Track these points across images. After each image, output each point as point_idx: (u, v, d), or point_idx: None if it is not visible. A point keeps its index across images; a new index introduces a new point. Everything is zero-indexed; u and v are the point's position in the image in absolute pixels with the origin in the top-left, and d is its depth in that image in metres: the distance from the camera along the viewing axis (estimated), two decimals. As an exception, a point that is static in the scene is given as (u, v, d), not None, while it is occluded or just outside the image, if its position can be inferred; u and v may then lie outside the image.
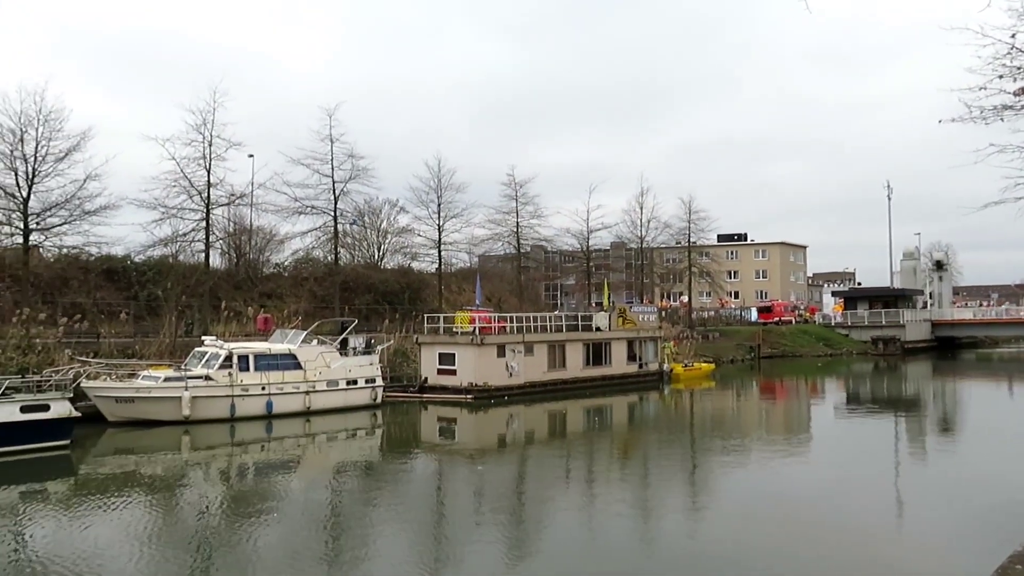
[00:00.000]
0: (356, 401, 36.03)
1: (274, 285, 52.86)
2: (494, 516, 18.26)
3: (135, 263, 46.15)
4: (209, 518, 18.81)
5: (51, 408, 24.87)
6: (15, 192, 35.99)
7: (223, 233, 48.60)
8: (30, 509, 19.45)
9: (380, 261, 64.51)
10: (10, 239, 37.82)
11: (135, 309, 42.65)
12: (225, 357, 32.14)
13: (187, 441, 28.52)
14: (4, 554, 15.56)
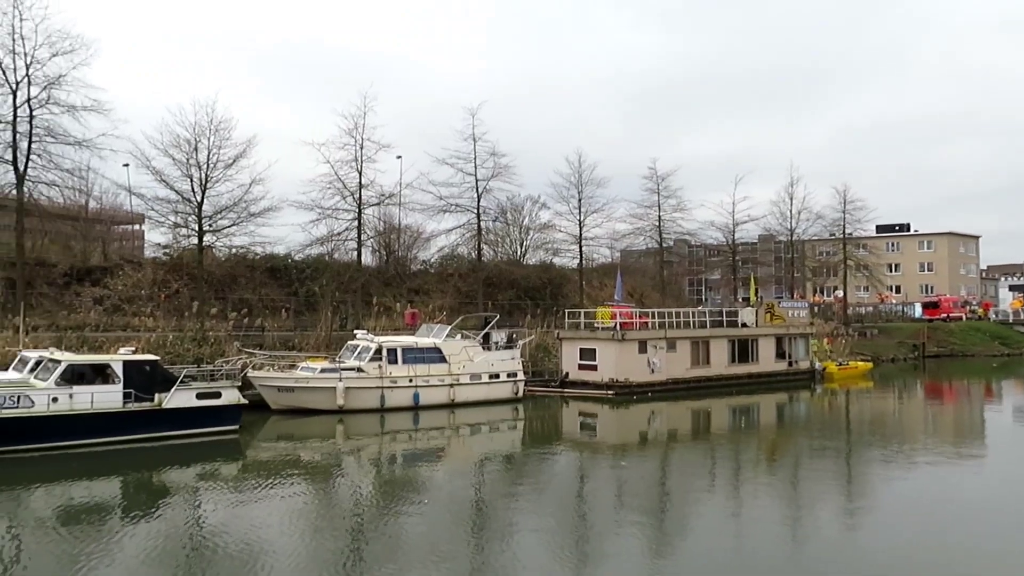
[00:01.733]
0: (498, 395, 36.70)
1: (421, 281, 54.72)
2: (635, 514, 18.07)
3: (295, 261, 49.18)
4: (361, 502, 19.77)
5: (223, 396, 27.02)
6: (191, 197, 39.30)
7: (374, 232, 50.85)
8: (203, 487, 21.24)
9: (522, 257, 65.29)
10: (187, 240, 41.33)
11: (295, 304, 45.53)
12: (375, 350, 33.65)
13: (341, 429, 30.11)
14: (180, 526, 17.09)
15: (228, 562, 14.15)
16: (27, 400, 23.00)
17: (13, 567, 14.35)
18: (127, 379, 24.77)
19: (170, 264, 45.20)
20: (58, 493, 19.94)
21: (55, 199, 40.06)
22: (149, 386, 25.20)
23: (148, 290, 42.72)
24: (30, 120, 35.36)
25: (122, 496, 20.60)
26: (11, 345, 29.57)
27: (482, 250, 51.51)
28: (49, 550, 15.12)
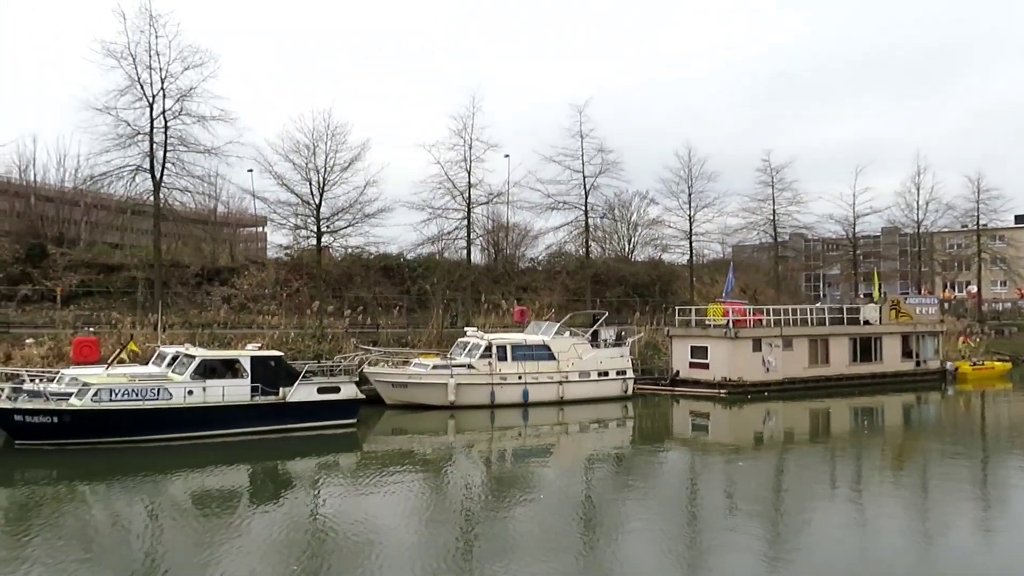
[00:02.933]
0: (607, 392, 36.51)
1: (529, 279, 55.07)
2: (750, 517, 17.56)
3: (407, 260, 50.54)
4: (472, 497, 20.13)
5: (341, 390, 28.11)
6: (310, 200, 41.05)
7: (483, 230, 51.58)
8: (324, 477, 22.20)
9: (630, 254, 64.61)
10: (306, 241, 43.21)
11: (407, 302, 46.80)
12: (486, 347, 34.15)
13: (452, 425, 30.73)
14: (303, 513, 17.92)
15: (345, 549, 14.73)
16: (166, 393, 24.67)
17: (155, 547, 15.46)
18: (254, 374, 26.17)
19: (291, 264, 47.39)
20: (193, 480, 21.32)
21: (187, 204, 42.73)
22: (274, 381, 26.52)
23: (271, 289, 44.94)
24: (165, 131, 37.82)
25: (250, 484, 21.80)
26: (150, 341, 31.73)
27: (590, 247, 51.30)
28: (185, 532, 16.19)
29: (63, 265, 42.36)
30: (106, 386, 23.82)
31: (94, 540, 15.76)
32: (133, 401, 24.04)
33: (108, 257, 45.15)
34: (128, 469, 21.76)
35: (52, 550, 14.71)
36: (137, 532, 16.64)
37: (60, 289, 39.51)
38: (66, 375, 25.09)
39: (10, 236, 47.10)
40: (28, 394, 23.95)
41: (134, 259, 44.23)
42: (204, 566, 13.69)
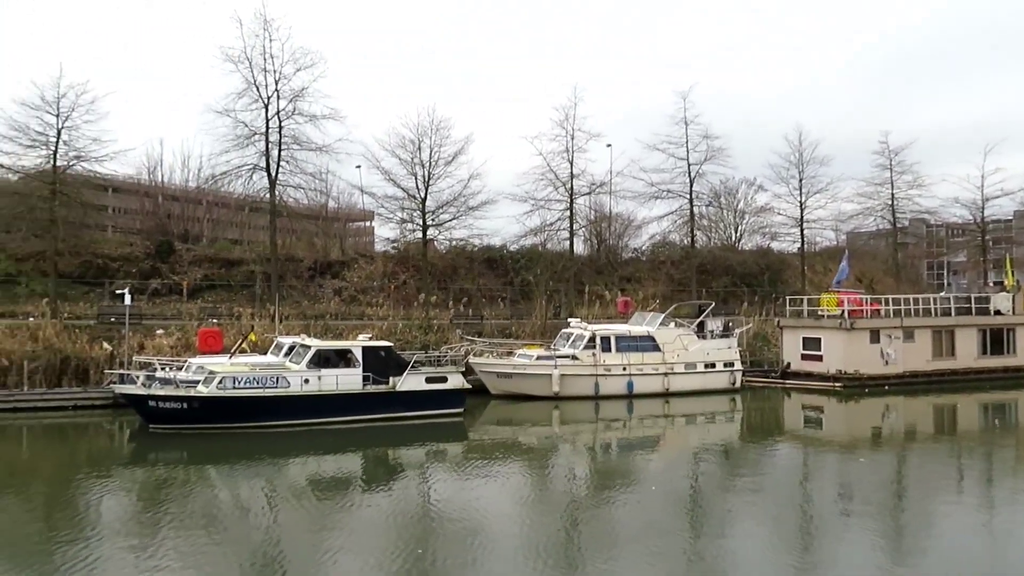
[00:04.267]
0: (714, 384, 35.72)
1: (632, 269, 54.51)
2: (868, 518, 16.79)
3: (510, 252, 50.96)
4: (576, 487, 20.16)
5: (449, 380, 28.70)
6: (415, 194, 42.01)
7: (585, 221, 51.38)
8: (432, 464, 22.74)
9: (737, 242, 62.88)
10: (412, 234, 44.27)
11: (511, 293, 47.22)
12: (589, 338, 34.04)
13: (557, 415, 30.82)
14: (413, 498, 18.41)
15: (453, 535, 15.03)
16: (284, 381, 25.85)
17: (274, 527, 16.25)
18: (366, 363, 27.06)
19: (398, 257, 48.69)
20: (309, 464, 22.25)
21: (300, 201, 44.54)
22: (384, 370, 27.35)
23: (379, 281, 46.30)
24: (279, 130, 39.50)
25: (362, 470, 22.57)
26: (268, 332, 33.29)
27: (695, 236, 50.24)
28: (301, 514, 16.93)
29: (188, 260, 45.02)
30: (230, 374, 25.17)
31: (219, 518, 16.70)
32: (254, 389, 25.32)
33: (228, 252, 47.67)
34: (249, 453, 22.96)
35: (182, 526, 15.70)
36: (257, 512, 17.55)
37: (186, 283, 41.98)
38: (193, 364, 26.65)
39: (141, 234, 50.49)
40: (160, 381, 25.61)
41: (252, 254, 46.50)
42: (319, 546, 14.28)
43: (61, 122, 35.21)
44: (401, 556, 13.75)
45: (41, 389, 29.36)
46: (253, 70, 38.78)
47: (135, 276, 41.68)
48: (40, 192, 35.50)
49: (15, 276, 39.21)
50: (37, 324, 32.00)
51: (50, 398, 28.78)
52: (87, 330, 32.64)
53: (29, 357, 29.76)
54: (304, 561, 13.71)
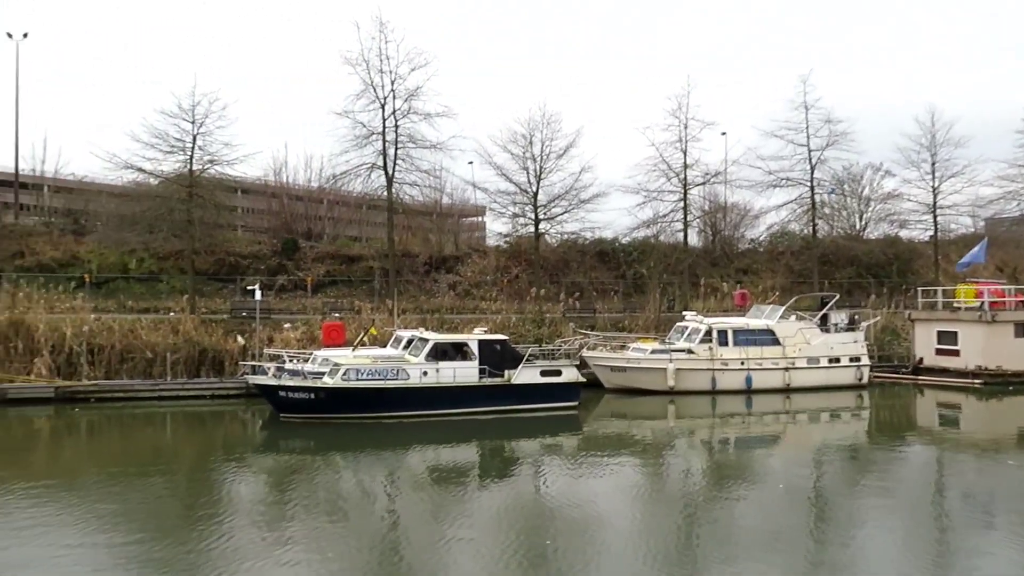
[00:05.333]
0: (839, 380, 34.22)
1: (749, 260, 52.90)
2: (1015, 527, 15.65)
3: (622, 244, 50.49)
4: (693, 483, 19.81)
5: (563, 374, 28.80)
6: (527, 188, 42.27)
7: (699, 212, 50.24)
8: (547, 457, 22.89)
9: (862, 231, 59.84)
10: (524, 228, 44.56)
11: (623, 287, 46.80)
12: (705, 332, 33.32)
13: (672, 410, 30.35)
14: (527, 490, 18.62)
15: (568, 528, 15.08)
16: (404, 373, 26.65)
17: (395, 514, 16.82)
18: (482, 356, 27.53)
19: (510, 251, 49.14)
20: (428, 454, 22.87)
21: (416, 197, 45.58)
22: (500, 363, 27.73)
23: (492, 276, 46.90)
24: (395, 130, 40.58)
25: (479, 460, 22.99)
26: (387, 325, 34.36)
27: (816, 225, 48.12)
28: (421, 502, 17.43)
29: (312, 257, 47.07)
30: (353, 366, 26.18)
31: (343, 505, 17.43)
32: (376, 380, 26.24)
33: (349, 249, 49.50)
34: (372, 442, 23.83)
35: (308, 511, 16.49)
36: (379, 500, 18.23)
37: (310, 279, 43.90)
38: (319, 356, 27.84)
39: (268, 232, 53.19)
40: (289, 373, 26.93)
41: (371, 250, 48.10)
42: (437, 535, 14.66)
43: (196, 128, 37.50)
44: (516, 547, 13.92)
45: (182, 379, 31.46)
46: (370, 71, 40.02)
47: (264, 273, 43.92)
48: (178, 195, 37.93)
49: (158, 274, 42.18)
50: (177, 318, 34.28)
51: (190, 387, 30.81)
52: (221, 324, 34.70)
53: (171, 349, 31.94)
54: (422, 549, 14.11)
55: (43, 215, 51.62)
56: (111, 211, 45.24)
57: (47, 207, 54.02)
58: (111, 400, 29.48)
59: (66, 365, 30.60)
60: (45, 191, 57.09)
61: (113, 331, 32.01)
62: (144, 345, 31.84)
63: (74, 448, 24.72)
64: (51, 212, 52.17)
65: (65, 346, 30.78)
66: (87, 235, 45.34)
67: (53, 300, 34.44)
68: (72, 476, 20.17)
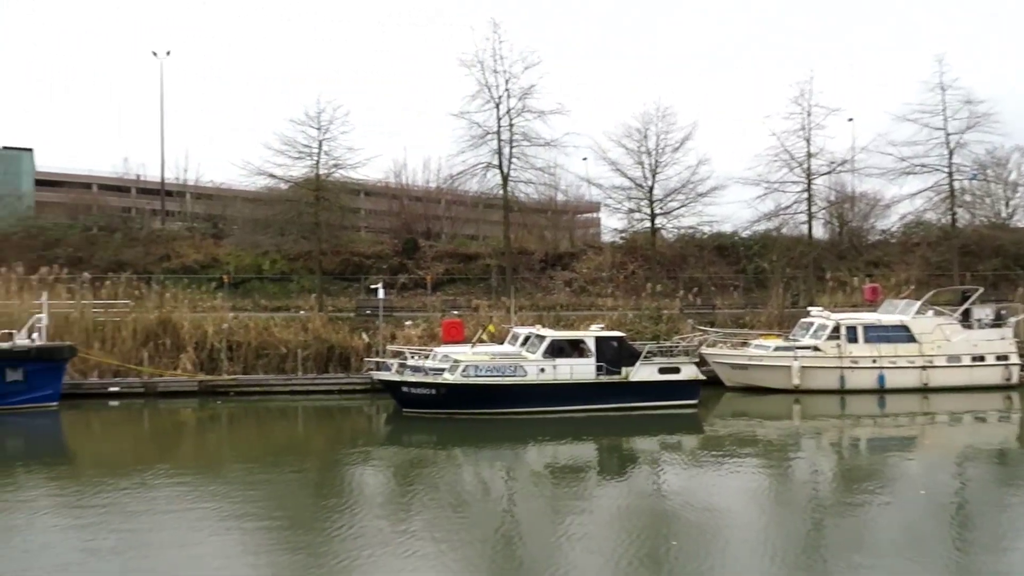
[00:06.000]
0: (984, 380, 31.89)
1: (880, 253, 50.08)
2: None
3: (742, 238, 48.98)
4: (821, 486, 19.04)
5: (682, 371, 28.29)
6: (642, 183, 41.76)
7: (824, 203, 47.94)
8: (666, 456, 22.64)
9: (1009, 219, 55.48)
10: (640, 224, 44.05)
11: (743, 282, 45.42)
12: (832, 328, 31.87)
13: (797, 410, 29.22)
14: (646, 488, 18.42)
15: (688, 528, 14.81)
16: (522, 370, 26.92)
17: (513, 508, 17.05)
18: (599, 353, 27.42)
19: (625, 247, 48.64)
20: (545, 450, 23.05)
21: (531, 195, 45.92)
22: (617, 360, 27.54)
23: (607, 272, 46.58)
24: (510, 128, 41.07)
25: (597, 458, 22.93)
26: (504, 322, 34.78)
27: (956, 213, 45.03)
28: (539, 497, 17.62)
29: (431, 256, 48.26)
30: (472, 363, 26.69)
31: (463, 498, 17.83)
32: (495, 377, 26.64)
33: (466, 247, 50.44)
34: (490, 438, 24.23)
35: (431, 503, 16.96)
36: (499, 494, 18.54)
37: (429, 277, 45.03)
38: (438, 353, 28.53)
39: (390, 233, 54.94)
40: (411, 369, 27.75)
41: (487, 248, 48.82)
42: (555, 531, 14.73)
43: (322, 134, 39.22)
44: (634, 546, 13.81)
45: (312, 374, 32.99)
46: (485, 72, 40.63)
47: (386, 272, 45.36)
48: (306, 199, 39.81)
49: (288, 274, 44.40)
50: (307, 316, 35.95)
51: (319, 382, 32.27)
52: (347, 321, 36.13)
53: (302, 346, 33.54)
54: (539, 544, 14.24)
55: (186, 220, 55.46)
56: (246, 215, 48.03)
57: (189, 213, 58.05)
58: (248, 394, 31.30)
59: (208, 361, 32.71)
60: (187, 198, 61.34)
61: (249, 329, 33.94)
62: (277, 342, 33.59)
63: (216, 438, 26.48)
64: (193, 217, 55.99)
65: (207, 343, 32.90)
66: (225, 238, 48.30)
67: (196, 300, 36.85)
68: (214, 464, 21.60)
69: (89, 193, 61.32)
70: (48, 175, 63.34)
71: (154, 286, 37.54)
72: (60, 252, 42.29)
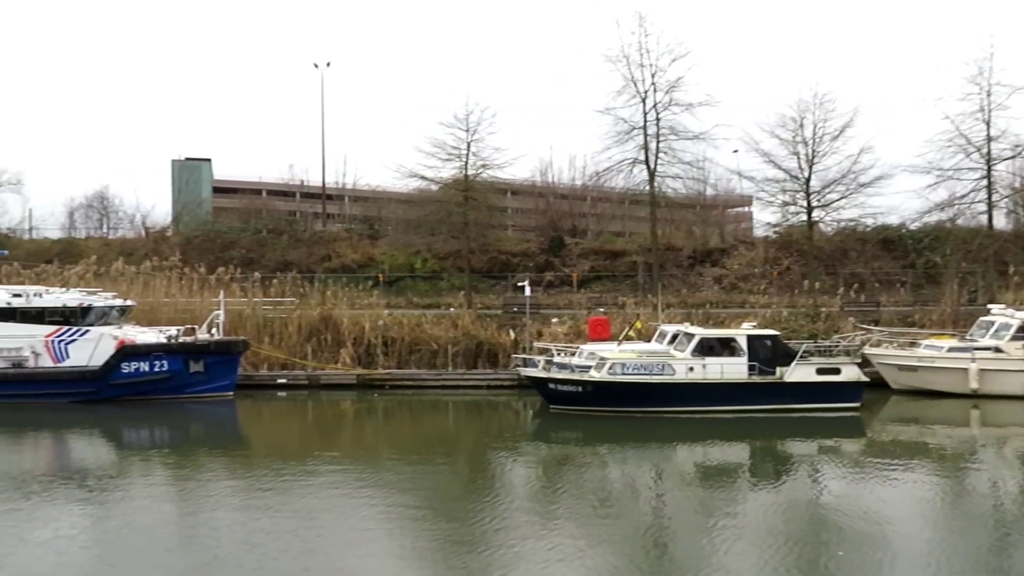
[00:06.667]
0: None
1: (1076, 244, 45.15)
2: None
3: (910, 231, 45.60)
4: (1006, 500, 17.42)
5: (842, 372, 26.71)
6: (798, 174, 39.75)
7: (1008, 190, 43.74)
8: (824, 462, 21.51)
9: None
10: (795, 217, 41.94)
11: (912, 277, 42.34)
12: (1018, 328, 28.99)
13: (976, 416, 26.86)
14: (802, 497, 17.52)
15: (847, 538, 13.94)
16: (670, 369, 26.37)
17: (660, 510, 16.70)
18: (751, 352, 26.39)
19: (780, 242, 46.62)
20: (694, 452, 22.49)
21: (679, 190, 44.86)
22: (771, 360, 26.40)
23: (760, 268, 44.84)
24: (657, 123, 40.35)
25: (750, 461, 22.10)
26: (651, 320, 34.22)
27: None
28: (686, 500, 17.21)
29: (577, 253, 48.36)
30: (619, 361, 26.44)
31: (610, 497, 17.69)
32: (642, 375, 26.27)
33: (612, 244, 50.14)
34: (637, 436, 23.91)
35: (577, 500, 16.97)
36: (645, 493, 18.29)
37: (575, 275, 45.11)
38: (585, 350, 28.46)
39: (536, 231, 55.53)
40: (557, 366, 27.87)
41: (633, 245, 48.30)
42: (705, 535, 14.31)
43: (470, 136, 40.21)
44: (790, 555, 13.21)
45: (461, 370, 33.87)
46: (630, 67, 40.15)
47: (532, 269, 45.88)
48: (455, 199, 40.96)
49: (439, 273, 45.90)
50: (457, 314, 36.98)
51: (468, 378, 33.08)
52: (495, 318, 36.82)
53: (452, 342, 34.53)
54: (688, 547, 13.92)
55: (345, 222, 58.57)
56: (399, 216, 50.10)
57: (348, 215, 61.24)
58: (402, 388, 32.58)
59: (365, 355, 34.31)
60: (346, 201, 64.71)
61: (403, 325, 35.33)
62: (429, 338, 34.74)
63: (372, 429, 27.80)
64: (351, 219, 59.03)
65: (364, 338, 34.53)
66: (380, 239, 50.58)
67: (354, 297, 38.81)
68: (371, 454, 22.67)
69: (259, 198, 66.13)
70: (224, 182, 68.77)
71: (316, 285, 39.89)
72: (235, 253, 45.92)
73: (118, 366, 28.76)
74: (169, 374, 29.17)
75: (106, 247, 47.78)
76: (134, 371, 28.99)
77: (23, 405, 27.79)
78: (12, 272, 39.34)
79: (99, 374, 28.65)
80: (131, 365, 28.94)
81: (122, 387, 28.89)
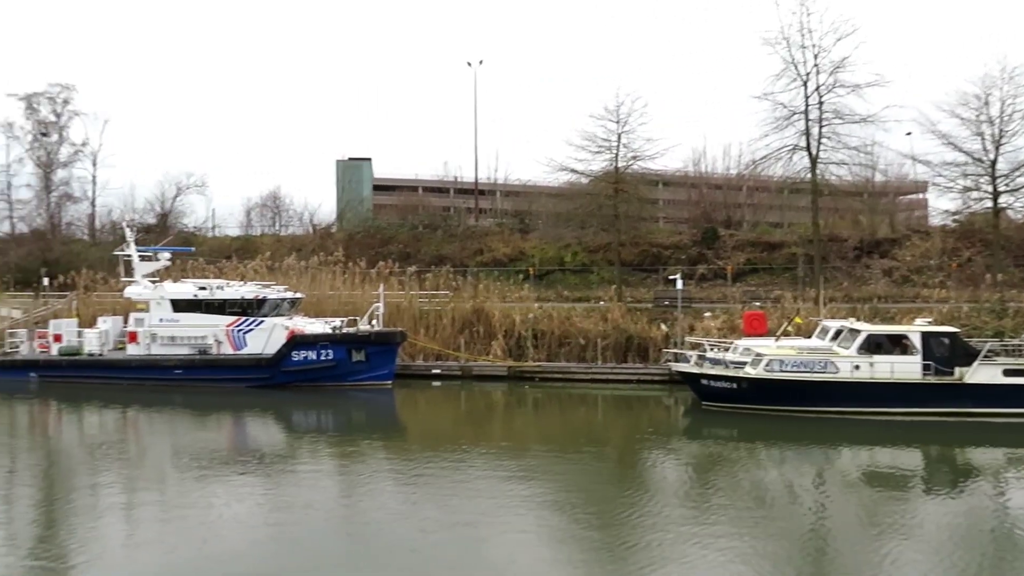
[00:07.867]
0: None
1: None
2: None
3: None
4: None
5: (1034, 374, 24.18)
6: (982, 157, 36.36)
7: None
8: (1011, 473, 19.58)
9: None
10: (978, 204, 38.39)
11: None
12: None
13: None
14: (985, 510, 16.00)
15: None
16: (832, 366, 24.87)
17: (821, 516, 15.78)
18: (925, 351, 24.41)
19: (960, 231, 43.02)
20: (860, 455, 21.10)
21: (844, 177, 42.16)
22: (949, 359, 24.31)
23: (936, 259, 41.49)
24: (819, 107, 38.13)
25: (923, 468, 20.46)
26: (811, 315, 32.46)
27: None
28: (852, 508, 16.13)
29: (731, 245, 46.73)
30: (777, 357, 25.27)
31: (766, 499, 16.94)
32: (801, 372, 24.95)
33: (769, 236, 48.06)
34: (797, 436, 22.74)
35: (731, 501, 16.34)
36: (806, 497, 17.33)
37: (729, 267, 43.60)
38: (739, 345, 27.42)
39: (688, 223, 54.20)
40: (711, 361, 27.04)
41: (793, 236, 46.03)
42: (870, 546, 13.39)
43: (620, 127, 39.79)
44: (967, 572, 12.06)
45: (611, 364, 33.60)
46: (791, 48, 38.23)
47: (684, 262, 44.84)
48: (605, 192, 40.67)
49: (588, 266, 45.84)
50: (606, 307, 36.73)
51: (618, 372, 32.78)
52: (645, 312, 36.26)
53: (601, 335, 34.33)
54: (852, 557, 13.08)
55: (496, 217, 59.73)
56: (549, 210, 50.47)
57: (499, 210, 62.39)
58: (551, 380, 32.77)
59: (515, 348, 34.81)
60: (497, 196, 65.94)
61: (552, 318, 35.53)
62: (578, 331, 34.73)
63: (523, 420, 28.17)
64: (502, 214, 60.10)
65: (515, 331, 35.05)
66: (530, 233, 51.16)
67: (505, 291, 39.52)
68: (522, 445, 22.95)
69: (416, 195, 68.79)
70: (383, 180, 72.04)
71: (469, 278, 40.92)
72: (393, 248, 48.05)
73: (289, 354, 30.84)
74: (334, 362, 30.93)
75: (278, 243, 51.38)
76: (303, 359, 30.98)
77: (207, 388, 30.46)
78: (197, 267, 43.25)
79: (273, 361, 30.86)
80: (300, 353, 30.95)
81: (292, 374, 30.96)
